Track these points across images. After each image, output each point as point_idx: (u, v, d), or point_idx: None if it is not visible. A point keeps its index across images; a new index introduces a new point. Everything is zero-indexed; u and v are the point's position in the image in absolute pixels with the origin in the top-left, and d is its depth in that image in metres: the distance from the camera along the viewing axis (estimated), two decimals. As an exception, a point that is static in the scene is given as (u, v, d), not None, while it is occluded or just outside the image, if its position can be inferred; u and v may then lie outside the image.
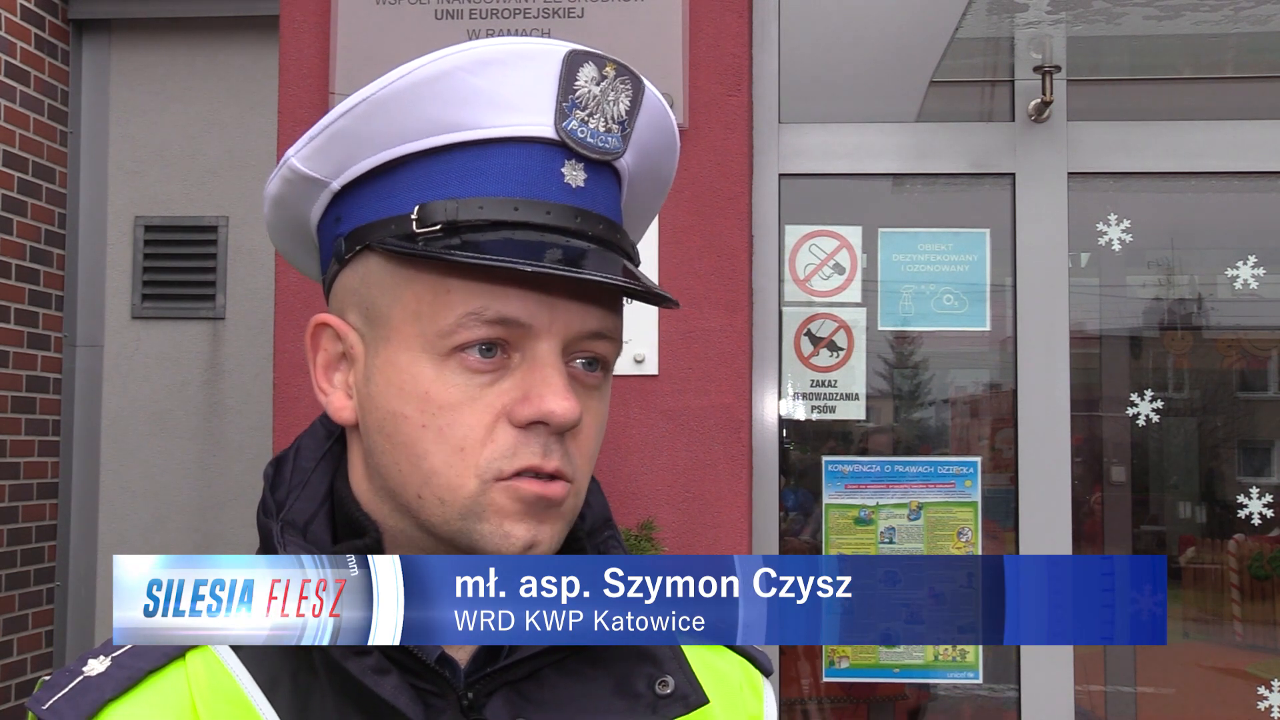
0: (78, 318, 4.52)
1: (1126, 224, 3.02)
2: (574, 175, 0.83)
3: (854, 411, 3.02)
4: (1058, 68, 2.92)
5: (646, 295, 0.81)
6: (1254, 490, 3.00)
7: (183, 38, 4.56)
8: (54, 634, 4.44)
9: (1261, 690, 2.96)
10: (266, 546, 0.86)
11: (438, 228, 0.80)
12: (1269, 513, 2.99)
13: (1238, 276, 3.04)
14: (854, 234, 3.03)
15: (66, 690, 0.81)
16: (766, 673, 1.01)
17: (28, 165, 4.29)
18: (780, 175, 2.95)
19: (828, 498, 2.97)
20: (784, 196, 2.96)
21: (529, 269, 0.77)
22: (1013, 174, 2.95)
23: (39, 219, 4.35)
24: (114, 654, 0.83)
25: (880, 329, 3.05)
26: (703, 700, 0.88)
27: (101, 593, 4.49)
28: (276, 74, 2.90)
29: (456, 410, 0.81)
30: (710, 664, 0.95)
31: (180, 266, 4.52)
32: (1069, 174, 2.94)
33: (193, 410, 4.49)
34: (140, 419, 4.50)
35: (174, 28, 4.56)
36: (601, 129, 0.83)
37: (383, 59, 2.74)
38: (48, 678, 0.84)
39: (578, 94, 0.82)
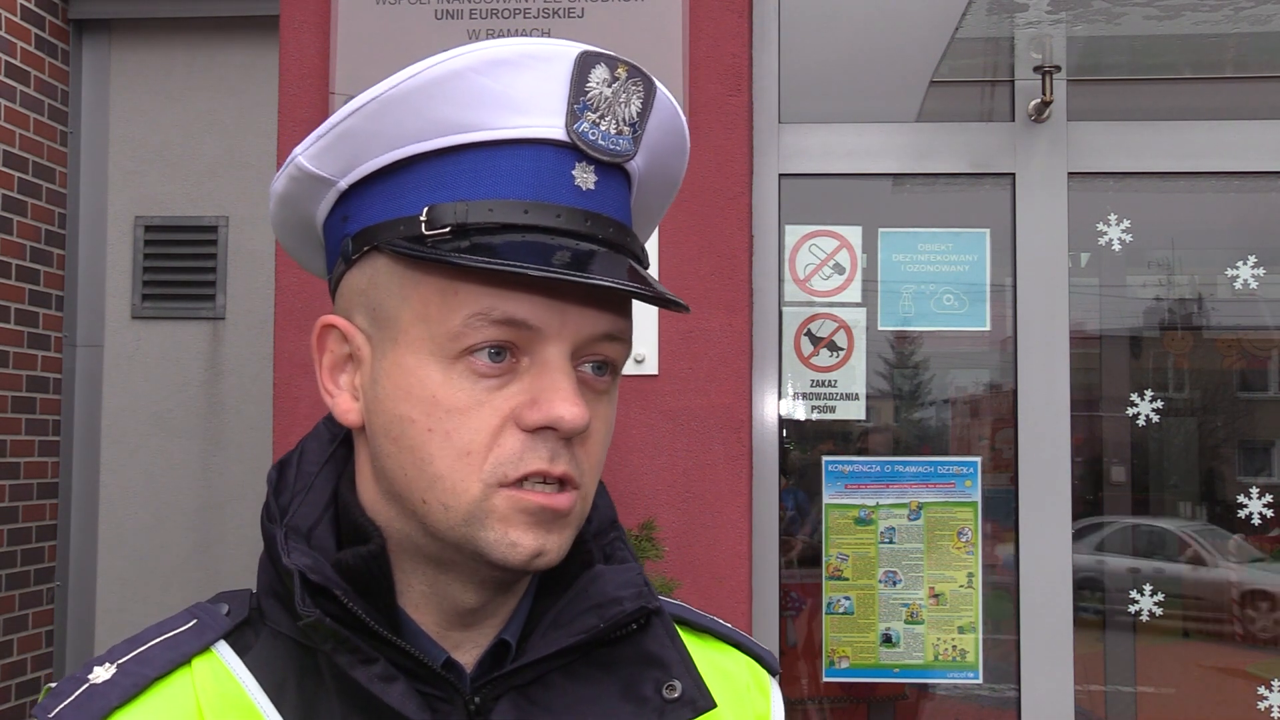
0: (78, 318, 4.52)
1: (1126, 224, 3.02)
2: (584, 178, 0.82)
3: (854, 411, 3.02)
4: (1058, 68, 2.92)
5: (656, 299, 0.80)
6: (1254, 490, 3.00)
7: (183, 38, 4.56)
8: (54, 634, 4.44)
9: (1261, 690, 2.96)
10: (271, 552, 0.85)
11: (447, 230, 0.79)
12: (1269, 513, 2.99)
13: (1238, 276, 3.04)
14: (854, 234, 3.03)
15: (72, 698, 0.80)
16: (773, 672, 1.00)
17: (28, 165, 4.29)
18: (780, 175, 2.95)
19: (827, 497, 2.97)
20: (784, 196, 2.96)
21: (538, 274, 0.76)
22: (1013, 174, 2.95)
23: (39, 219, 4.35)
24: (119, 661, 0.83)
25: (880, 329, 3.04)
26: (710, 704, 0.87)
27: (101, 592, 4.48)
28: (276, 74, 2.90)
29: (464, 414, 0.80)
30: (717, 664, 0.95)
31: (180, 266, 4.52)
32: (1069, 174, 2.94)
33: (193, 410, 4.49)
34: (140, 419, 4.50)
35: (174, 28, 4.56)
36: (613, 131, 0.82)
37: (383, 59, 2.74)
38: (53, 685, 0.83)
39: (589, 96, 0.81)
